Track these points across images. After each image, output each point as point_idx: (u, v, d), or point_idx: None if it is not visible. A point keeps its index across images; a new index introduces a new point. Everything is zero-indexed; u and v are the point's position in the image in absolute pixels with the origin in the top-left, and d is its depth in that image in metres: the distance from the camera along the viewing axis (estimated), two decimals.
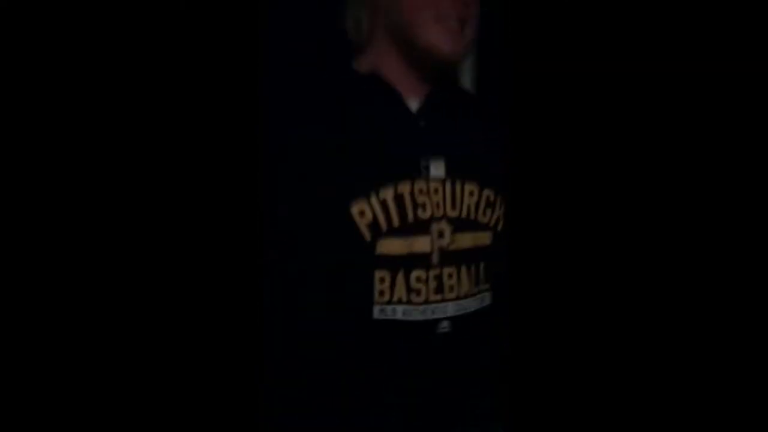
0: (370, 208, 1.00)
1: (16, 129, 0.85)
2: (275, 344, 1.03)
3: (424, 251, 1.03)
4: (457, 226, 1.05)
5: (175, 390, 0.90)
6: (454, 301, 1.05)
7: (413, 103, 1.07)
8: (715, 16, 0.97)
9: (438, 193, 1.04)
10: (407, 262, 1.02)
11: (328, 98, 1.07)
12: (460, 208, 1.06)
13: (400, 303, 1.02)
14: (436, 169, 1.04)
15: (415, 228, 1.02)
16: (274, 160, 1.01)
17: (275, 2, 1.37)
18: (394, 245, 1.01)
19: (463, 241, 1.06)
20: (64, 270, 0.87)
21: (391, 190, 1.01)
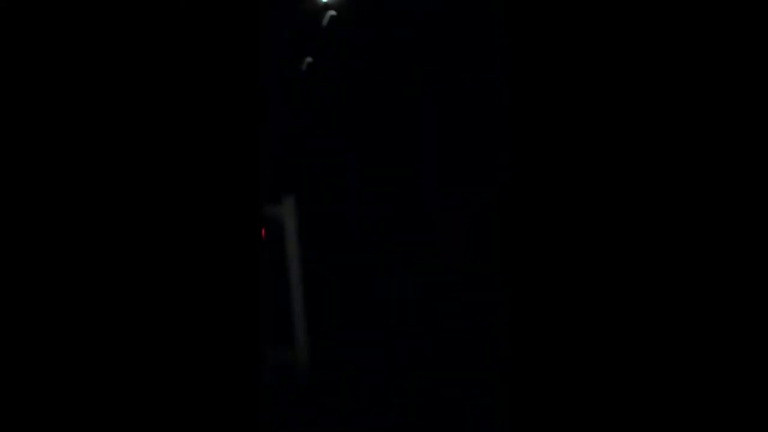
0: None
1: (19, 129, 0.85)
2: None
3: None
4: None
5: (176, 390, 0.90)
6: None
7: None
8: (715, 16, 0.97)
9: None
10: None
11: None
12: None
13: None
14: None
15: None
16: None
17: None
18: None
19: None
20: (64, 270, 0.87)
21: None
